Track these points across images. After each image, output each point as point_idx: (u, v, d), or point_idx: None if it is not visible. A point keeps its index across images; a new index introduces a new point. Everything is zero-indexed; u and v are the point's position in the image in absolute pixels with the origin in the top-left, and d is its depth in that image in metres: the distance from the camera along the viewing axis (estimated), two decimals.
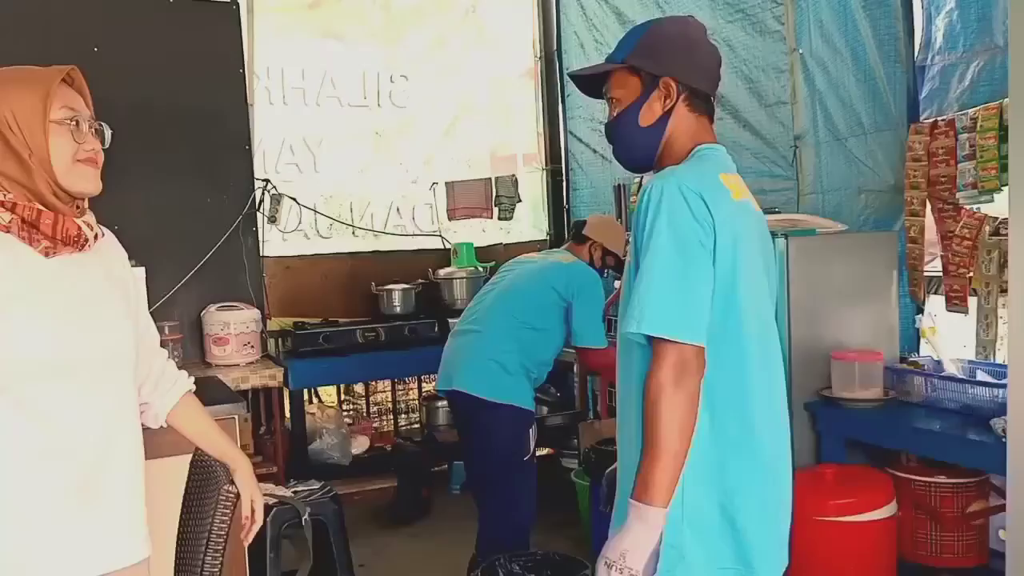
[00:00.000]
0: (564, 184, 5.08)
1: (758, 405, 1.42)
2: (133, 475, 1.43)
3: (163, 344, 3.27)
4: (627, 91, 1.50)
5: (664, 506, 1.31)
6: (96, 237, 1.40)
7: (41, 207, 1.32)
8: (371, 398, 4.82)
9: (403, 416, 4.87)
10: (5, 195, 1.31)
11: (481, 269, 4.55)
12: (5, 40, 3.49)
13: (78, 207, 1.38)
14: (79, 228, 1.35)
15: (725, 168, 1.47)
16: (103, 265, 1.43)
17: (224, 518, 1.49)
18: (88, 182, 1.37)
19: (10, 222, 1.29)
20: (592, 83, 1.58)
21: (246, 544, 1.61)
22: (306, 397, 4.26)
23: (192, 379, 1.69)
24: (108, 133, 1.41)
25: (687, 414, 1.31)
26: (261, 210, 4.22)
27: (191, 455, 1.65)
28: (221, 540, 1.48)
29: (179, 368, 1.69)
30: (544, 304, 2.78)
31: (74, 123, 1.35)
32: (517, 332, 2.77)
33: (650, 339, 1.33)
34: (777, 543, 1.46)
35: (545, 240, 5.14)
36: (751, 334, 1.41)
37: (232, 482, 1.54)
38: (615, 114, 1.52)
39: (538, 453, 3.75)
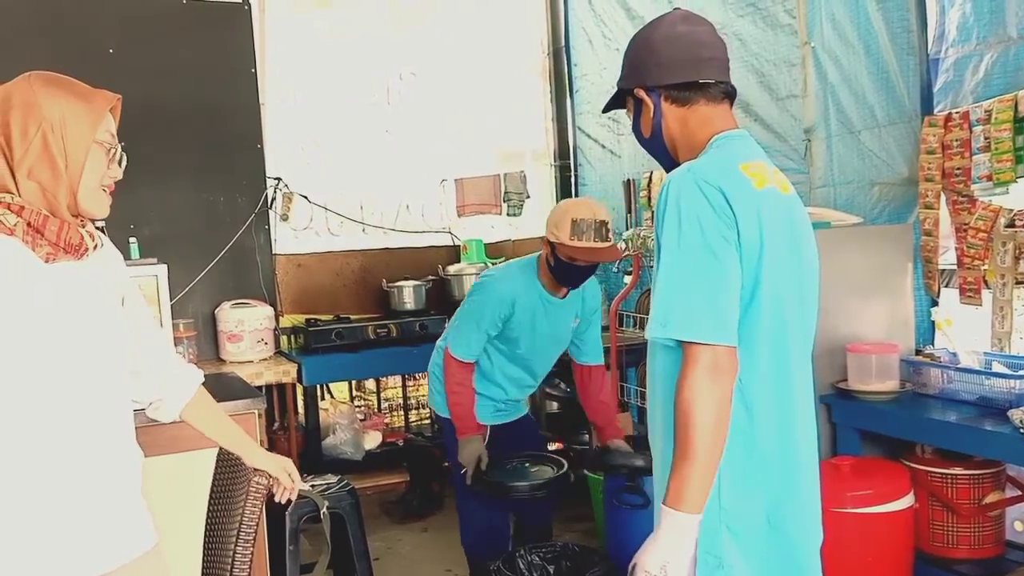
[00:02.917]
0: (573, 179, 5.08)
1: (798, 404, 1.38)
2: (130, 475, 1.44)
3: (177, 341, 3.30)
4: (629, 109, 1.54)
5: (699, 513, 1.27)
6: (95, 247, 1.40)
7: (48, 213, 1.32)
8: (382, 394, 4.85)
9: (413, 412, 4.89)
10: (13, 198, 1.30)
11: (490, 265, 4.57)
12: (23, 43, 3.53)
13: (82, 223, 1.39)
14: (82, 237, 1.36)
15: (745, 156, 1.41)
16: (100, 273, 1.43)
17: (255, 509, 1.50)
18: (103, 208, 1.39)
19: (14, 225, 1.29)
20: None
21: (283, 500, 1.65)
22: (318, 393, 4.28)
23: (201, 372, 1.71)
24: (124, 163, 1.43)
25: (722, 417, 1.26)
26: (273, 208, 4.24)
27: (217, 449, 1.67)
28: (252, 530, 1.49)
29: (192, 365, 1.71)
30: None
31: (112, 150, 1.38)
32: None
33: (680, 342, 1.29)
34: (816, 550, 1.43)
35: None
36: (787, 330, 1.36)
37: (260, 472, 1.56)
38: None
39: (549, 447, 3.76)
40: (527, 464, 2.71)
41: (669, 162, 1.51)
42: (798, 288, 1.40)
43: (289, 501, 1.66)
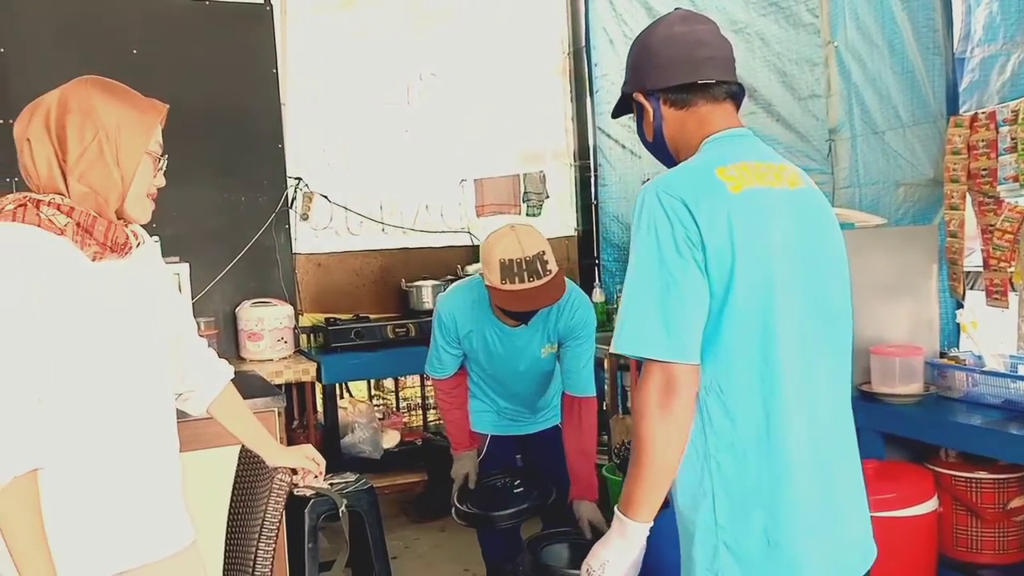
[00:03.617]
0: (592, 180, 5.08)
1: (794, 414, 1.30)
2: (172, 467, 1.47)
3: None
4: (633, 113, 1.53)
5: (647, 522, 1.27)
6: (138, 245, 1.44)
7: (96, 214, 1.35)
8: (400, 393, 4.86)
9: (432, 411, 4.90)
10: (63, 199, 1.34)
11: None
12: (48, 44, 3.58)
13: (125, 223, 1.42)
14: (127, 236, 1.39)
15: (728, 158, 1.34)
16: (142, 269, 1.46)
17: (277, 507, 1.52)
18: (146, 214, 1.44)
19: (65, 226, 1.32)
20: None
21: (302, 484, 1.68)
22: (337, 392, 4.30)
23: (232, 368, 1.74)
24: (164, 168, 1.46)
25: (674, 434, 1.24)
26: (294, 208, 4.27)
27: (240, 445, 1.68)
28: (274, 527, 1.51)
29: (224, 360, 1.72)
30: None
31: (160, 160, 1.42)
32: None
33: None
34: (837, 557, 1.37)
35: (573, 236, 5.14)
36: (774, 336, 1.28)
37: (283, 470, 1.57)
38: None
39: None
40: (517, 483, 2.59)
41: (672, 165, 1.47)
42: (803, 287, 1.32)
43: (307, 497, 1.67)
